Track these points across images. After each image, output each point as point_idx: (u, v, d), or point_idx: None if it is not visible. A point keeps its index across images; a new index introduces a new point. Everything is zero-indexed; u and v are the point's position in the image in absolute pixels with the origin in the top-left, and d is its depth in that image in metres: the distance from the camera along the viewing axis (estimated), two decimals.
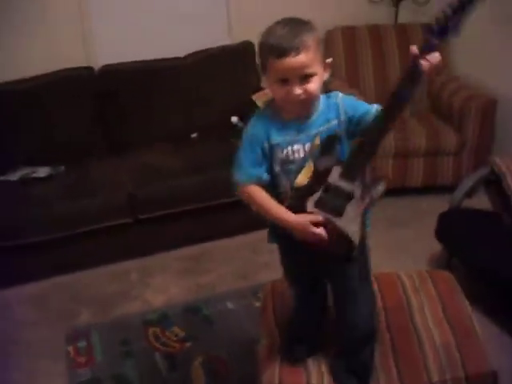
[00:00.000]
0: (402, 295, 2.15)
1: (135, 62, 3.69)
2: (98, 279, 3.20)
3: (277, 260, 1.89)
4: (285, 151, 1.61)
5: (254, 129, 1.64)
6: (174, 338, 2.70)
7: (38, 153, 3.43)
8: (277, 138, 1.61)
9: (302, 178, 1.62)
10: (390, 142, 3.62)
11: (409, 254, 3.14)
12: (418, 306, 2.09)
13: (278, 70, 1.49)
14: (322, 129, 1.61)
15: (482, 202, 3.11)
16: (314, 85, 1.52)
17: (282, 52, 1.46)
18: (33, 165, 3.35)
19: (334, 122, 1.61)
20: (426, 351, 1.91)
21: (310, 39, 1.49)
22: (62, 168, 3.39)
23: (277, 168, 1.64)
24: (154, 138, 3.65)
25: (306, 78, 1.50)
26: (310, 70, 1.50)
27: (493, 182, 2.94)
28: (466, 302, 2.11)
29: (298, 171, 1.62)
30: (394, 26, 4.22)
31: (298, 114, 1.60)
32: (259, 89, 3.81)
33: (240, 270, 3.20)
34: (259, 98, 3.71)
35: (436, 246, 3.04)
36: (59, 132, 3.50)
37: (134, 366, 2.55)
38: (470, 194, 3.14)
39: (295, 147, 1.61)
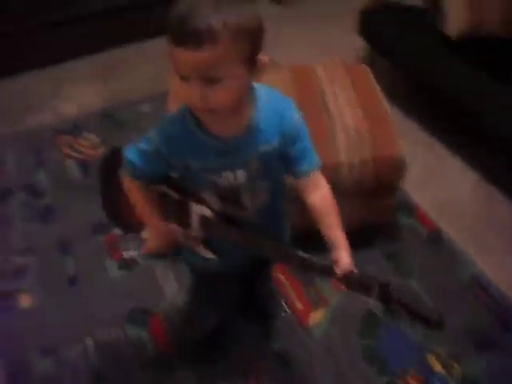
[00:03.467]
0: (316, 85, 2.07)
1: None
2: (9, 90, 2.99)
3: None
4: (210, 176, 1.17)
5: (160, 145, 1.15)
6: (88, 145, 2.61)
7: None
8: (193, 162, 1.14)
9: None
10: None
11: (332, 51, 2.96)
12: (332, 92, 2.02)
13: (174, 62, 0.97)
14: (259, 152, 1.14)
15: None
16: (220, 93, 0.99)
17: (179, 38, 0.93)
18: None
19: (275, 145, 1.14)
20: (337, 132, 1.87)
21: (229, 23, 0.93)
22: None
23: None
24: None
25: (210, 80, 0.97)
26: (216, 73, 0.96)
27: None
28: (379, 90, 2.07)
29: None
30: None
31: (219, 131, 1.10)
32: None
33: (155, 75, 3.02)
34: None
35: (362, 44, 2.94)
36: None
37: (46, 174, 2.48)
38: None
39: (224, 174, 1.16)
